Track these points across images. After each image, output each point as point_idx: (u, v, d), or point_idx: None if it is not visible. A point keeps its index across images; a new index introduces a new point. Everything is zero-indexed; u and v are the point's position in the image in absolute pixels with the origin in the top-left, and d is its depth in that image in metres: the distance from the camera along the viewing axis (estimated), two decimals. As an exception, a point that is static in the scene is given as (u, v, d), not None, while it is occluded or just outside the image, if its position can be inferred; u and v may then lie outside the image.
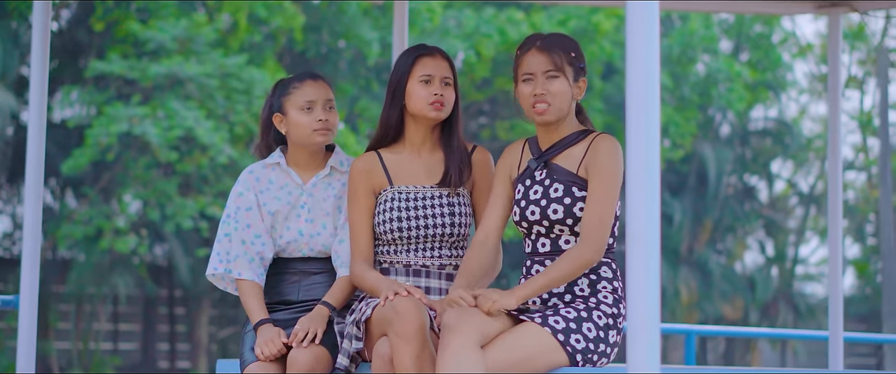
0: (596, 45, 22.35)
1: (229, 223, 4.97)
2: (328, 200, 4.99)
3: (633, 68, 3.19)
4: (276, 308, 4.96)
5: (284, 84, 5.02)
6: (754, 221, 29.80)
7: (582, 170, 4.57)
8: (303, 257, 4.99)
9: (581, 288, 4.58)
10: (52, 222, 21.81)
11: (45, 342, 23.07)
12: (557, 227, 4.58)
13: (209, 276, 5.01)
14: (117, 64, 19.24)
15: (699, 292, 27.88)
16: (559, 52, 4.59)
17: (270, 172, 5.02)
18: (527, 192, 4.64)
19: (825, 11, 6.58)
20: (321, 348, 4.70)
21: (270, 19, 20.08)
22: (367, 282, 4.74)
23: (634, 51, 3.19)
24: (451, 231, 4.84)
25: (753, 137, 29.79)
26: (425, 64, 4.85)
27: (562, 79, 4.57)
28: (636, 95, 3.20)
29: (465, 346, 4.25)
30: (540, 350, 4.37)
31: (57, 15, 22.49)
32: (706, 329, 10.76)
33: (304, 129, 4.92)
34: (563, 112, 4.59)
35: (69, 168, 19.39)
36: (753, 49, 27.04)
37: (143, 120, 18.81)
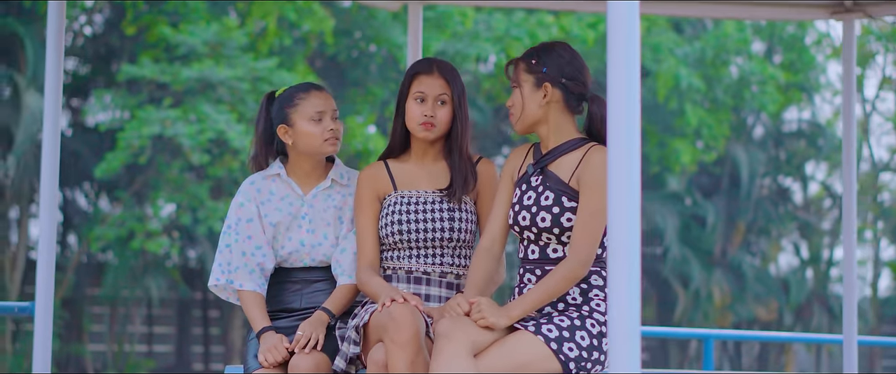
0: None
1: (230, 234, 5.01)
2: (329, 210, 5.03)
3: (614, 72, 3.21)
4: (278, 316, 5.00)
5: (287, 96, 5.03)
6: (789, 223, 29.69)
7: (574, 180, 4.60)
8: (304, 266, 5.04)
9: (573, 297, 4.60)
10: (85, 225, 21.96)
11: (79, 345, 23.24)
12: (545, 235, 4.62)
13: (211, 287, 5.07)
14: (149, 68, 19.35)
15: (732, 294, 27.80)
16: (517, 62, 4.70)
17: (271, 183, 5.05)
18: (522, 196, 4.69)
19: (839, 17, 6.60)
20: (322, 354, 4.74)
21: (301, 23, 20.14)
22: (370, 288, 4.79)
23: (616, 53, 3.20)
24: (450, 236, 4.89)
25: (787, 139, 29.68)
26: (420, 82, 4.90)
27: (517, 89, 4.67)
28: (617, 101, 3.21)
29: (458, 354, 4.29)
30: (533, 359, 4.41)
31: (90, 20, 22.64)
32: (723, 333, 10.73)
33: (314, 139, 4.95)
34: (528, 120, 4.66)
35: (102, 172, 19.51)
36: (786, 51, 26.93)
37: (175, 122, 18.91)
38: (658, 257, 28.57)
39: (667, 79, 23.03)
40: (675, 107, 24.17)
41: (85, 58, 23.02)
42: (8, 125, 20.00)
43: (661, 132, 25.32)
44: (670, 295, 28.20)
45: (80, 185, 23.98)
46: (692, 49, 24.53)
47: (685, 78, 23.13)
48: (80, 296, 23.45)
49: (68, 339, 23.60)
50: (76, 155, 22.39)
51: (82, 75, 22.96)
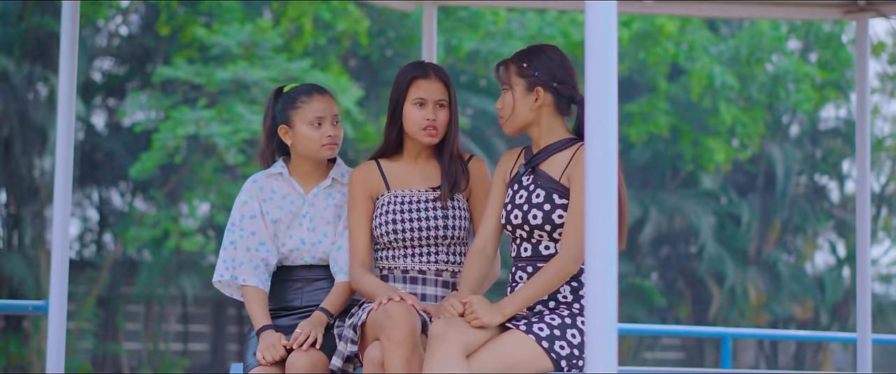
0: (660, 46, 22.28)
1: (234, 231, 5.09)
2: (329, 209, 5.10)
3: (591, 71, 3.23)
4: (279, 314, 5.08)
5: (291, 97, 5.09)
6: (825, 221, 29.52)
7: (564, 178, 4.68)
8: (305, 264, 5.10)
9: (564, 295, 4.68)
10: (120, 224, 22.07)
11: (115, 344, 23.36)
12: (537, 232, 4.68)
13: (215, 283, 5.14)
14: (183, 69, 19.43)
15: (768, 293, 27.68)
16: (508, 65, 4.78)
17: (273, 181, 5.13)
18: (513, 196, 4.77)
19: (852, 16, 6.61)
20: (319, 352, 4.81)
21: (335, 23, 20.18)
22: (364, 286, 4.85)
23: (593, 52, 3.23)
24: (444, 234, 4.94)
25: (823, 137, 29.52)
26: (419, 87, 4.95)
27: (508, 92, 4.74)
28: (595, 100, 3.23)
29: (451, 355, 4.36)
30: (525, 358, 4.48)
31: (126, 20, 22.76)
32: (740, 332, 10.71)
33: (312, 143, 5.03)
34: (518, 122, 4.75)
35: (137, 172, 19.61)
36: (822, 49, 26.77)
37: (209, 122, 18.99)
38: (693, 255, 28.48)
39: (701, 77, 22.95)
40: (709, 105, 24.09)
41: (121, 59, 23.14)
42: (44, 125, 20.13)
43: (695, 131, 25.24)
44: (705, 294, 28.10)
45: (116, 184, 24.11)
46: (727, 47, 24.44)
47: (719, 76, 23.04)
48: (115, 295, 23.57)
49: (104, 338, 23.73)
50: (112, 155, 22.53)
51: (118, 76, 23.08)
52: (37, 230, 21.36)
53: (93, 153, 23.01)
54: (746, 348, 29.17)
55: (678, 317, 28.28)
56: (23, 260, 20.84)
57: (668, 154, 26.58)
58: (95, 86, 22.83)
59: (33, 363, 20.87)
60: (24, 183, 21.19)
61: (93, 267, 23.23)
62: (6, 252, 21.70)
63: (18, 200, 21.59)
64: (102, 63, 23.49)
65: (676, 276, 28.91)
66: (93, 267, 23.23)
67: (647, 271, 28.50)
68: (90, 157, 22.77)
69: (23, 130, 20.30)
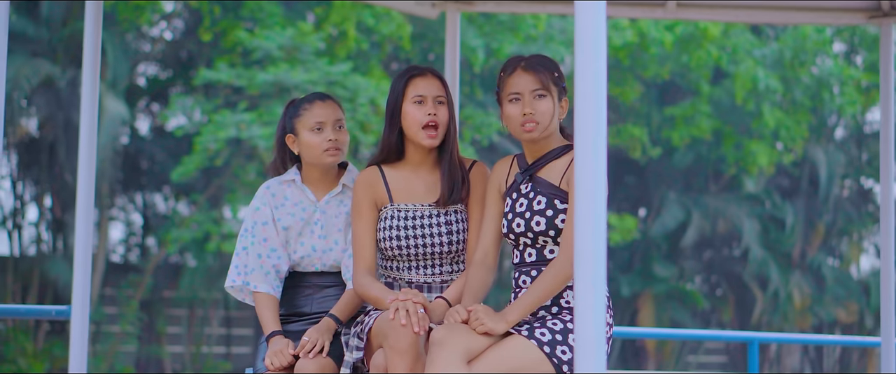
0: (703, 50, 22.20)
1: (246, 237, 5.13)
2: (340, 216, 5.12)
3: (582, 72, 3.23)
4: (290, 320, 5.11)
5: (295, 106, 5.14)
6: (870, 224, 29.36)
7: (564, 183, 4.68)
8: (316, 271, 5.13)
9: (566, 300, 4.68)
10: (162, 228, 22.19)
11: (158, 346, 23.49)
12: (541, 238, 4.68)
13: (227, 288, 5.18)
14: (225, 72, 19.52)
15: (812, 296, 27.54)
16: (545, 71, 4.69)
17: (286, 188, 5.16)
18: (513, 205, 4.76)
19: (877, 22, 6.57)
20: (327, 359, 4.84)
21: (378, 28, 20.22)
22: (371, 292, 4.83)
23: (582, 54, 3.22)
24: (448, 248, 4.94)
25: (869, 140, 29.35)
26: (416, 85, 4.93)
27: (548, 98, 4.68)
28: (585, 102, 3.23)
29: (452, 360, 4.37)
30: (527, 362, 4.47)
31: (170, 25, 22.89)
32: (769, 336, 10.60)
33: (314, 149, 5.05)
34: (549, 130, 4.71)
35: (178, 175, 19.71)
36: (868, 52, 26.63)
37: (249, 125, 19.07)
38: (736, 259, 28.37)
39: (744, 80, 22.87)
40: (753, 108, 24.00)
41: (165, 63, 23.28)
42: (85, 130, 20.26)
43: (739, 134, 25.15)
44: (749, 297, 28.00)
45: (159, 189, 24.26)
46: (770, 50, 24.33)
47: (763, 79, 22.95)
48: (157, 298, 23.71)
49: (148, 341, 23.88)
50: (155, 159, 22.66)
51: (162, 80, 23.22)
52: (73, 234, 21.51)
53: (137, 157, 23.15)
54: (791, 352, 29.02)
55: (722, 321, 28.19)
56: (67, 264, 20.99)
57: (710, 157, 26.49)
58: (138, 90, 22.98)
59: (77, 367, 21.02)
60: (68, 188, 21.34)
61: (136, 271, 23.38)
62: (51, 256, 21.87)
63: (63, 204, 21.76)
64: (147, 68, 23.63)
65: (720, 280, 28.82)
66: (136, 271, 23.38)
67: (690, 275, 28.42)
68: (134, 161, 22.91)
69: (67, 136, 20.45)
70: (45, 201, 22.23)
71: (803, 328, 27.42)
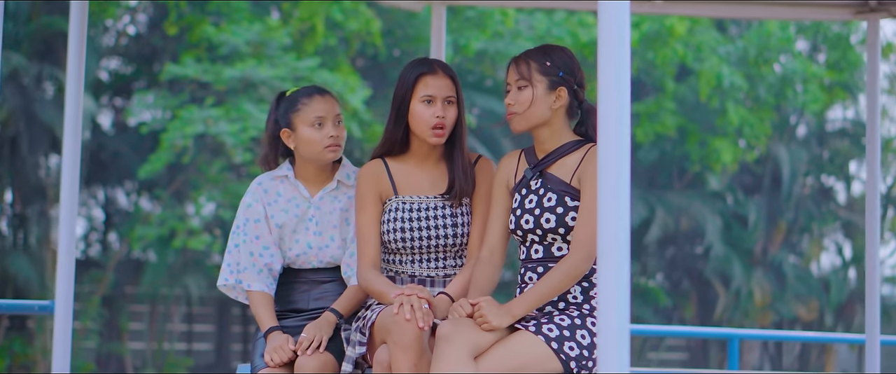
0: (669, 47, 22.23)
1: (239, 235, 5.03)
2: (335, 212, 5.03)
3: (604, 70, 3.20)
4: (286, 315, 5.03)
5: (292, 99, 5.01)
6: (831, 222, 29.50)
7: (575, 180, 4.62)
8: (312, 268, 5.04)
9: (574, 296, 4.62)
10: (126, 224, 22.02)
11: (119, 343, 23.32)
12: (550, 235, 4.62)
13: (220, 286, 5.08)
14: (191, 67, 19.38)
15: (773, 293, 27.65)
16: (529, 62, 4.66)
17: (279, 184, 5.06)
18: (522, 201, 4.70)
19: (863, 17, 6.57)
20: (328, 354, 4.77)
21: (346, 24, 20.13)
22: (375, 287, 4.76)
23: (606, 53, 3.20)
24: (453, 242, 4.87)
25: (831, 138, 29.48)
26: (427, 84, 4.84)
27: (529, 89, 4.63)
28: (608, 97, 3.20)
29: (459, 356, 4.32)
30: (534, 359, 4.42)
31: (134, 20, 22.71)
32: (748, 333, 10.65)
33: (315, 145, 4.95)
34: (533, 120, 4.65)
35: (146, 172, 19.55)
36: (831, 50, 26.74)
37: (217, 121, 18.94)
38: (699, 256, 28.45)
39: (709, 77, 22.92)
40: (717, 106, 24.05)
41: (128, 58, 23.08)
42: (52, 124, 20.06)
43: (703, 131, 25.20)
44: (711, 294, 28.08)
45: (122, 184, 24.05)
46: (735, 48, 24.40)
47: (727, 77, 23.01)
48: (119, 294, 23.52)
49: (108, 337, 23.69)
50: (118, 154, 22.47)
51: (125, 75, 23.03)
52: (42, 230, 21.30)
53: (99, 153, 22.95)
54: (751, 348, 29.12)
55: (683, 318, 28.26)
56: (28, 260, 20.79)
57: (675, 154, 26.54)
58: (103, 85, 22.78)
59: (38, 363, 20.82)
60: (30, 182, 21.12)
61: (97, 267, 23.18)
62: (11, 252, 21.65)
63: (24, 199, 21.54)
64: (110, 62, 23.42)
65: (682, 276, 28.89)
66: (97, 267, 23.18)
67: (652, 272, 28.48)
68: (96, 156, 22.70)
69: (30, 129, 20.23)
70: (6, 196, 21.98)
71: (764, 325, 27.53)
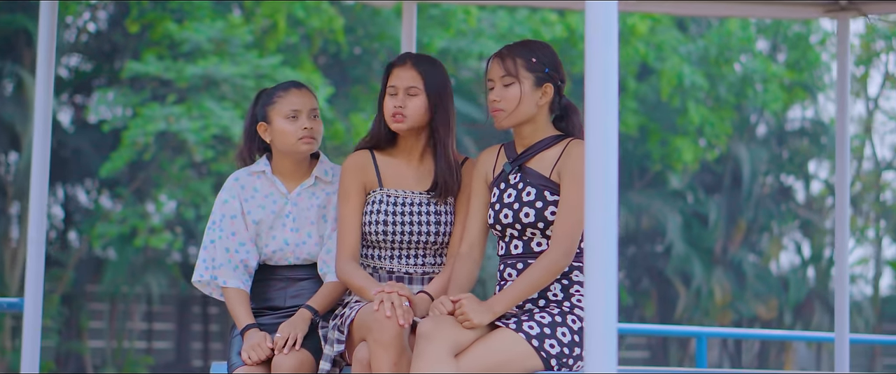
0: (630, 46, 22.28)
1: (214, 231, 5.00)
2: (312, 209, 5.01)
3: (592, 69, 3.20)
4: (263, 313, 4.99)
5: (268, 93, 5.03)
6: (790, 221, 29.65)
7: (555, 174, 4.60)
8: (289, 265, 5.02)
9: (554, 293, 4.60)
10: (86, 222, 21.88)
11: (79, 342, 23.17)
12: (530, 230, 4.61)
13: (195, 282, 5.05)
14: (153, 65, 19.28)
15: (733, 292, 27.77)
16: (515, 58, 4.63)
17: (256, 180, 5.04)
18: (501, 195, 4.68)
19: (833, 15, 6.59)
20: (305, 352, 4.74)
21: (308, 21, 20.08)
22: (354, 281, 4.74)
23: (593, 51, 3.20)
24: (434, 239, 4.86)
25: (790, 138, 29.63)
26: (393, 75, 4.89)
27: (516, 85, 4.61)
28: (595, 97, 3.19)
29: (439, 354, 4.30)
30: (514, 356, 4.41)
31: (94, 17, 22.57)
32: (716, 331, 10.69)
33: (289, 137, 4.94)
34: (518, 117, 4.63)
35: (107, 170, 19.44)
36: (791, 49, 26.88)
37: (179, 118, 18.85)
38: (659, 254, 28.54)
39: (670, 77, 22.99)
40: (679, 105, 24.13)
41: (88, 55, 22.94)
42: (12, 122, 19.91)
43: (664, 130, 25.28)
44: (671, 293, 28.17)
45: (82, 182, 23.90)
46: (696, 47, 24.48)
47: (688, 76, 23.08)
48: (79, 292, 23.37)
49: (68, 336, 23.53)
50: (78, 152, 22.32)
51: (85, 72, 22.89)
52: (2, 227, 21.15)
53: (59, 150, 22.80)
54: (711, 346, 29.25)
55: (644, 316, 28.33)
56: (-14, 257, 20.64)
57: (636, 153, 26.60)
58: (63, 82, 22.63)
59: (-5, 360, 20.69)
60: (-12, 180, 20.98)
61: (57, 265, 23.02)
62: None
63: (-17, 196, 21.38)
64: (70, 59, 23.27)
65: (643, 275, 28.97)
66: (57, 265, 23.02)
67: (613, 270, 28.48)
68: (56, 154, 22.54)
69: (-11, 126, 20.09)
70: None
71: (724, 324, 27.64)
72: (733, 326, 27.99)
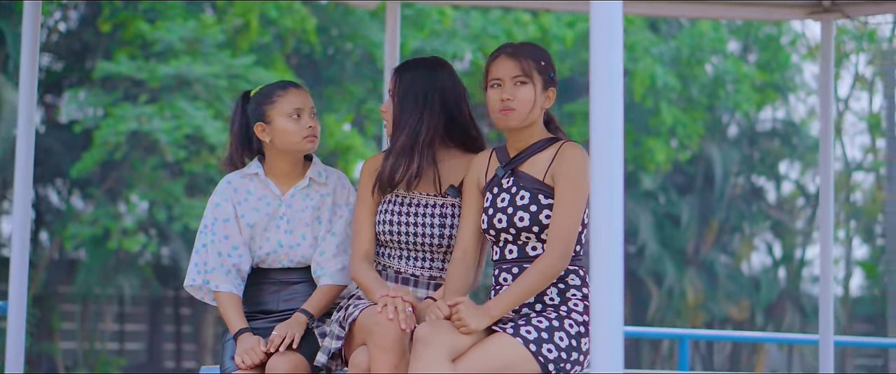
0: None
1: (206, 234, 4.96)
2: (307, 210, 4.98)
3: (597, 70, 3.19)
4: (256, 317, 4.96)
5: (265, 93, 4.97)
6: (761, 222, 29.75)
7: (548, 177, 4.58)
8: (282, 267, 4.98)
9: (551, 297, 4.58)
10: (58, 222, 21.78)
11: (50, 343, 23.07)
12: (524, 234, 4.59)
13: (187, 287, 5.01)
14: (125, 65, 19.21)
15: (705, 292, 27.83)
16: (528, 59, 4.61)
17: (249, 182, 5.00)
18: (494, 200, 4.66)
19: (817, 18, 6.61)
20: (299, 355, 4.72)
21: (281, 21, 20.04)
22: (364, 280, 4.75)
23: (598, 52, 3.19)
24: (440, 242, 4.84)
25: (761, 138, 29.73)
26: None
27: (529, 86, 4.59)
28: (601, 98, 3.19)
29: (437, 359, 4.29)
30: (512, 361, 4.39)
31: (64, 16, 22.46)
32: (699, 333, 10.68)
33: (293, 136, 4.90)
34: (528, 119, 4.62)
35: (78, 170, 19.35)
36: (762, 50, 26.97)
37: (151, 118, 18.79)
38: (632, 255, 28.58)
39: (642, 78, 23.02)
40: (651, 106, 24.17)
41: (59, 54, 22.83)
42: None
43: (636, 131, 25.32)
44: (644, 293, 28.21)
45: (53, 182, 23.79)
46: (668, 48, 24.53)
47: (661, 77, 23.12)
48: (51, 294, 23.27)
49: (39, 337, 23.40)
50: (49, 152, 22.20)
51: (56, 72, 22.78)
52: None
53: (30, 149, 22.69)
54: (681, 348, 29.25)
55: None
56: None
57: (608, 154, 26.59)
58: (34, 81, 22.51)
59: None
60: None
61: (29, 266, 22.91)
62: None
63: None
64: (41, 59, 23.13)
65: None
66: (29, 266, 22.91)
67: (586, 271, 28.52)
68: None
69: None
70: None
71: (696, 324, 27.71)
72: (705, 327, 28.06)
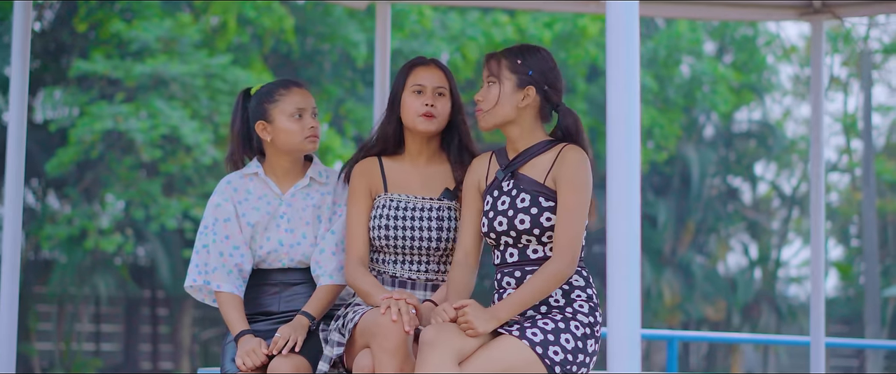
0: (581, 48, 22.33)
1: (207, 235, 4.93)
2: (307, 209, 4.96)
3: (613, 71, 3.19)
4: (256, 319, 4.93)
5: (267, 92, 4.95)
6: (737, 222, 29.80)
7: (549, 180, 4.58)
8: (282, 267, 4.95)
9: (556, 299, 4.58)
10: (34, 222, 21.68)
11: (26, 344, 22.96)
12: (525, 237, 4.58)
13: (188, 288, 4.97)
14: (101, 64, 19.12)
15: (682, 293, 27.88)
16: (499, 59, 4.63)
17: (248, 182, 4.98)
18: (495, 203, 4.65)
19: (807, 18, 6.63)
20: (301, 357, 4.69)
21: (259, 20, 19.99)
22: (361, 285, 4.72)
23: (615, 52, 3.19)
24: (437, 245, 4.82)
25: (737, 139, 29.79)
26: (417, 74, 4.86)
27: (497, 86, 4.62)
28: (617, 98, 3.20)
29: (443, 361, 4.28)
30: (518, 363, 4.39)
31: (40, 15, 22.37)
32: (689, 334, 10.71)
33: (295, 136, 4.89)
34: (498, 118, 4.64)
35: (53, 168, 19.27)
36: (738, 51, 27.04)
37: (127, 118, 18.72)
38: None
39: (619, 78, 23.02)
40: (628, 106, 24.17)
41: (34, 53, 22.72)
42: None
43: (614, 132, 25.32)
44: (620, 294, 28.20)
45: (28, 182, 23.68)
46: (645, 49, 24.55)
47: (638, 78, 23.14)
48: (26, 294, 23.16)
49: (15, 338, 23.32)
50: (25, 151, 22.12)
51: (32, 71, 22.67)
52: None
53: (3, 150, 22.59)
54: (659, 348, 29.34)
55: (594, 318, 28.35)
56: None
57: (585, 155, 26.62)
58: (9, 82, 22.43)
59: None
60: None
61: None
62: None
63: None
64: (15, 58, 23.03)
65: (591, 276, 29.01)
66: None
67: (562, 272, 28.51)
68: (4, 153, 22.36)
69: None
70: None
71: (672, 325, 27.75)
72: (681, 328, 28.10)
